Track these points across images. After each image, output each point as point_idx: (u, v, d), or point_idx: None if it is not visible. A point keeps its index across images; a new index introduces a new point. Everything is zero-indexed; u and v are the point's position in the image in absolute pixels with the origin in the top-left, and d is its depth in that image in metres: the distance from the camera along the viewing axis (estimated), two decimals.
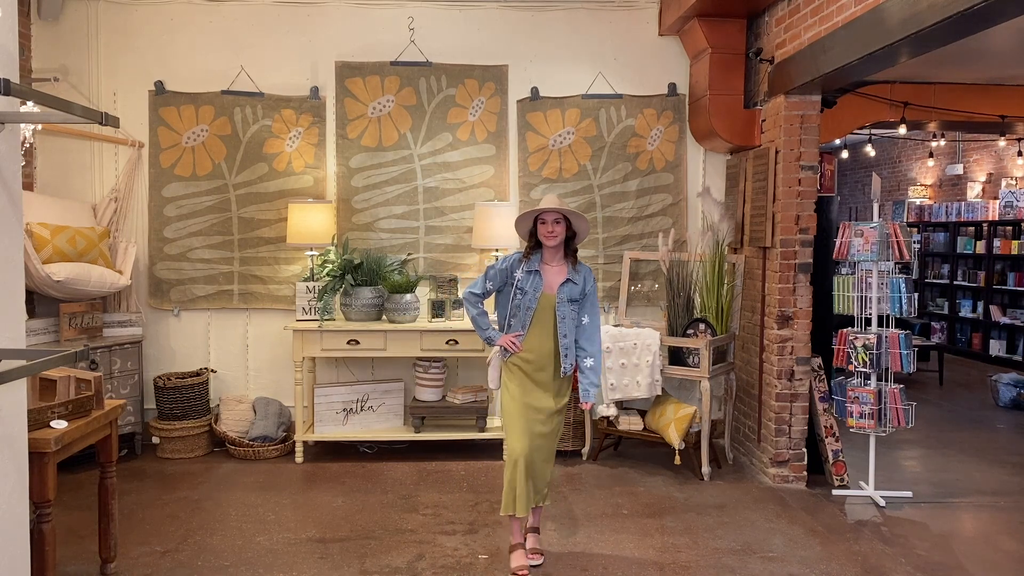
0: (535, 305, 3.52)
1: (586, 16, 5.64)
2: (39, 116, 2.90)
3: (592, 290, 3.63)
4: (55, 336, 4.96)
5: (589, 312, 3.61)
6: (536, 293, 3.52)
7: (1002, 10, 2.95)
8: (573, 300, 3.56)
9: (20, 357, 2.01)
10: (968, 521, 4.35)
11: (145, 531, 3.95)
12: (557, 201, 3.56)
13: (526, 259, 3.59)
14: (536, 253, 3.60)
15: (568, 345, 3.55)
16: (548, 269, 3.58)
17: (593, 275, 3.67)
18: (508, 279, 3.59)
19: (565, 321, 3.53)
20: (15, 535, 2.21)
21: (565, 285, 3.55)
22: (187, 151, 5.51)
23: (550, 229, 3.51)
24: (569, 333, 3.55)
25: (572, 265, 3.59)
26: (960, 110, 5.90)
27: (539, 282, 3.53)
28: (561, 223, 3.53)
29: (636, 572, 3.56)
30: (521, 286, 3.53)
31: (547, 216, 3.53)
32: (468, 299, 3.61)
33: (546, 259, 3.59)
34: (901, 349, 4.55)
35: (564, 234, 3.55)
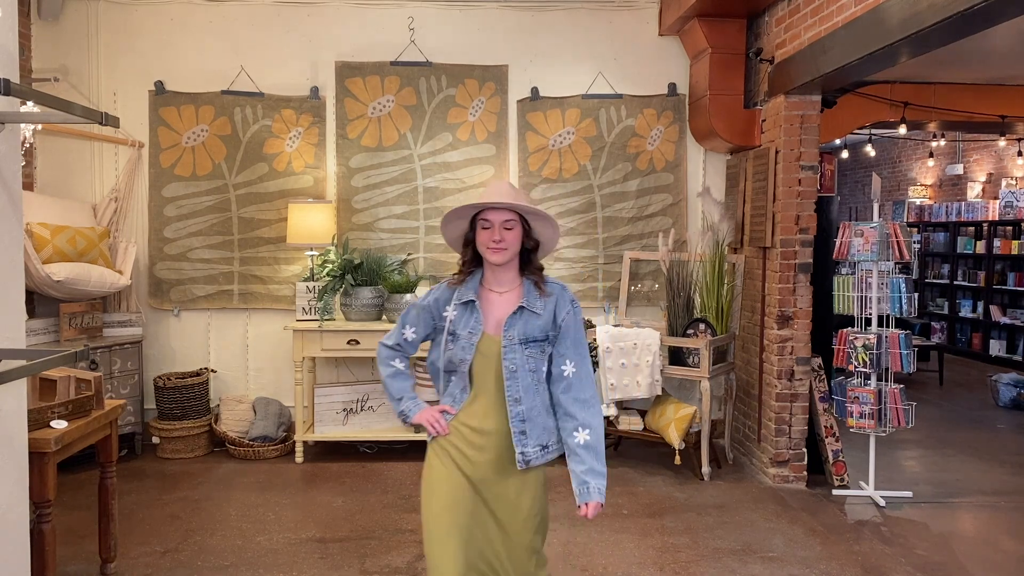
0: (471, 356, 2.26)
1: (586, 16, 5.64)
2: (39, 116, 2.90)
3: (573, 323, 2.31)
4: (55, 336, 4.96)
5: (572, 356, 2.30)
6: (473, 337, 2.25)
7: (1002, 10, 2.95)
8: (533, 340, 2.26)
9: (20, 357, 2.01)
10: (968, 521, 4.35)
11: (145, 531, 3.95)
12: (511, 192, 2.26)
13: (458, 284, 2.34)
14: (474, 274, 2.34)
15: (525, 416, 2.24)
16: (491, 298, 2.31)
17: (574, 299, 2.36)
18: (438, 319, 2.35)
19: (517, 376, 2.23)
20: (15, 535, 2.21)
21: (517, 318, 2.25)
22: (187, 151, 5.51)
23: (496, 237, 2.21)
24: (527, 396, 2.24)
25: (535, 286, 2.31)
26: (960, 110, 5.89)
27: (477, 319, 2.27)
28: (515, 228, 2.24)
29: (636, 572, 3.56)
30: (453, 329, 2.29)
31: (492, 216, 2.22)
32: (379, 354, 2.44)
33: (488, 282, 2.33)
34: (901, 349, 4.55)
35: (519, 244, 2.26)
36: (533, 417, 2.26)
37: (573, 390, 2.29)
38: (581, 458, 2.28)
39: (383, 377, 2.44)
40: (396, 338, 2.41)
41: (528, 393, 2.26)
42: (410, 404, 2.39)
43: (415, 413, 2.36)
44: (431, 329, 2.38)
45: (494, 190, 2.30)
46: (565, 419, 2.30)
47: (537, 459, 2.28)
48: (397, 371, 2.43)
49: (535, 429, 2.27)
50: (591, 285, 5.69)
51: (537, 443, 2.28)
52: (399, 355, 2.43)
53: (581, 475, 2.27)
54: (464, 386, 2.30)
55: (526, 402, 2.25)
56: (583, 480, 2.26)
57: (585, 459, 2.27)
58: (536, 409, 2.27)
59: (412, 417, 2.36)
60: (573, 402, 2.29)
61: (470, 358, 2.26)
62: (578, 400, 2.29)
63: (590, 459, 2.27)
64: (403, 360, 2.44)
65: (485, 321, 2.28)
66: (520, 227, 2.26)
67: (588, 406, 2.30)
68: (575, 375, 2.30)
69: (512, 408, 2.25)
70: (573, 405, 2.29)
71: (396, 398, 2.41)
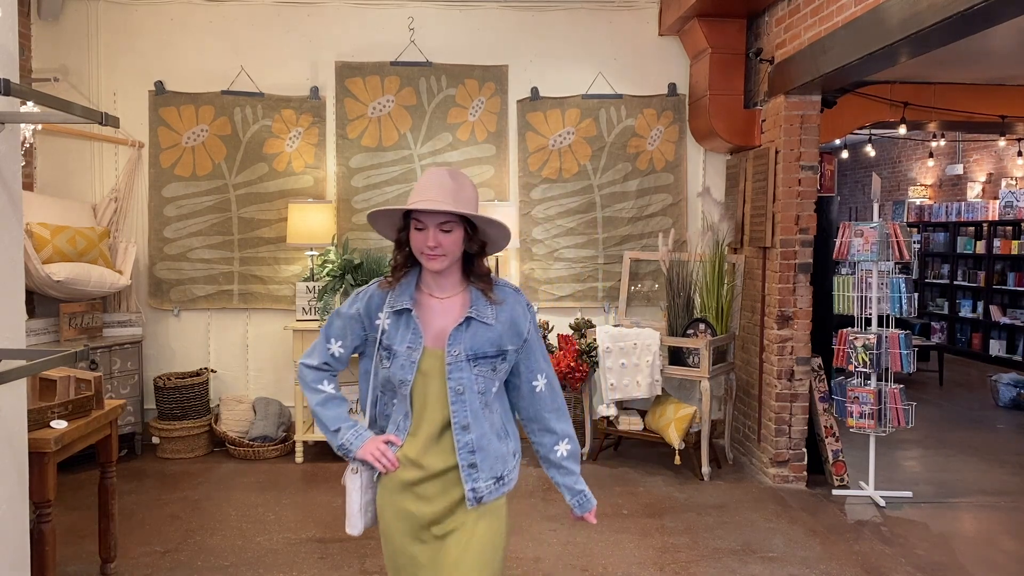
0: (411, 376, 1.90)
1: (586, 16, 5.64)
2: (39, 116, 2.90)
3: (535, 332, 2.02)
4: (55, 336, 4.96)
5: (543, 367, 2.04)
6: (414, 353, 1.90)
7: (1002, 10, 2.95)
8: (483, 357, 1.91)
9: (20, 357, 2.01)
10: (968, 521, 4.35)
11: (145, 531, 3.95)
12: (448, 187, 1.85)
13: (390, 287, 1.96)
14: (409, 274, 1.97)
15: (475, 445, 1.91)
16: (431, 305, 1.96)
17: (529, 303, 2.05)
18: (368, 329, 1.98)
19: (464, 399, 1.90)
20: (15, 535, 2.21)
21: (463, 330, 1.91)
22: (187, 151, 5.51)
23: (431, 243, 1.86)
24: (476, 422, 1.91)
25: (483, 292, 1.95)
26: (960, 110, 5.90)
27: (415, 331, 1.91)
28: (455, 230, 1.87)
29: (636, 572, 3.56)
30: (388, 343, 1.93)
31: (426, 217, 1.86)
32: (303, 377, 2.04)
33: (427, 285, 1.97)
34: (901, 349, 4.55)
35: (460, 248, 1.91)
36: (484, 446, 1.92)
37: (548, 404, 2.05)
38: (568, 469, 2.06)
39: (311, 405, 2.02)
40: (321, 355, 2.03)
41: (477, 419, 1.91)
42: (350, 435, 1.98)
43: (359, 446, 1.96)
44: (361, 341, 2.00)
45: (426, 185, 1.86)
46: (543, 435, 2.06)
47: (491, 494, 1.94)
48: (328, 396, 2.02)
49: (487, 460, 1.93)
50: (591, 285, 5.69)
51: (491, 475, 1.93)
52: (327, 375, 2.04)
53: (574, 486, 2.07)
54: (407, 411, 1.93)
55: (475, 429, 1.90)
56: (578, 491, 2.06)
57: (572, 468, 2.07)
58: (487, 437, 1.92)
59: (355, 451, 1.97)
60: (550, 416, 2.05)
61: (411, 379, 1.90)
62: (553, 412, 2.06)
63: (575, 466, 2.08)
64: (333, 381, 2.05)
65: (424, 333, 1.92)
66: (461, 229, 1.88)
67: (562, 415, 2.08)
68: (548, 387, 2.05)
69: (459, 437, 1.89)
70: (551, 419, 2.05)
71: (332, 429, 1.99)
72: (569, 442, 2.07)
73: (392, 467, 1.93)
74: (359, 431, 1.99)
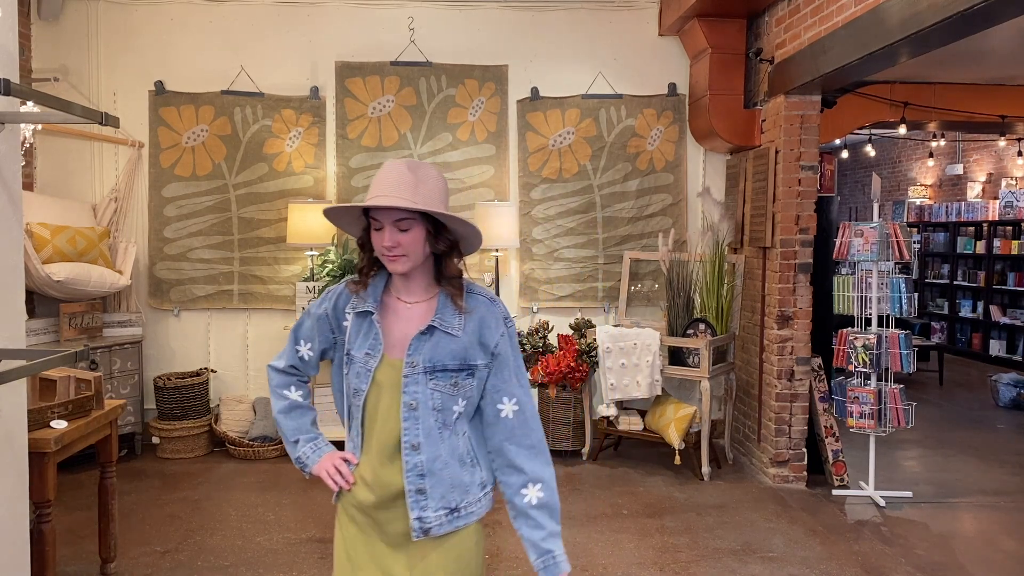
0: (365, 386, 1.75)
1: (586, 16, 5.64)
2: (39, 116, 2.91)
3: (509, 347, 1.79)
4: (55, 336, 4.96)
5: (513, 390, 1.78)
6: (371, 360, 1.74)
7: (1002, 10, 2.95)
8: (443, 370, 1.72)
9: (20, 357, 2.01)
10: (968, 521, 4.35)
11: (145, 531, 3.95)
12: (405, 180, 1.67)
13: (356, 288, 1.80)
14: (379, 276, 1.81)
15: (425, 468, 1.72)
16: (398, 309, 1.78)
17: (508, 316, 1.82)
18: (337, 332, 1.83)
19: (417, 416, 1.72)
20: (15, 535, 2.21)
21: (425, 339, 1.73)
22: (187, 151, 5.51)
23: (387, 242, 1.69)
24: (428, 442, 1.72)
25: (452, 298, 1.76)
26: (960, 110, 5.90)
27: (376, 337, 1.75)
28: (414, 228, 1.69)
29: (636, 572, 3.56)
30: (348, 347, 1.78)
31: (381, 217, 1.70)
32: (269, 380, 1.92)
33: (396, 288, 1.80)
34: (901, 349, 4.55)
35: (422, 247, 1.71)
36: (437, 471, 1.71)
37: (517, 435, 1.76)
38: (537, 522, 1.73)
39: (274, 412, 1.89)
40: (289, 358, 1.88)
41: (430, 439, 1.71)
42: (308, 449, 1.85)
43: (315, 461, 1.83)
44: (330, 344, 1.84)
45: (381, 180, 1.69)
46: (508, 473, 1.76)
47: (441, 526, 1.72)
48: (293, 404, 1.88)
49: (439, 487, 1.71)
50: (591, 285, 5.69)
51: (442, 505, 1.72)
52: (295, 380, 1.89)
53: (540, 543, 1.72)
54: (358, 426, 1.78)
55: (427, 450, 1.71)
56: (545, 550, 1.72)
57: (542, 522, 1.73)
58: (441, 460, 1.72)
59: (311, 467, 1.84)
60: (517, 451, 1.75)
61: (365, 388, 1.73)
62: (524, 448, 1.76)
63: (547, 520, 1.73)
64: (301, 387, 1.90)
65: (385, 340, 1.74)
66: (422, 226, 1.69)
67: (536, 453, 1.76)
68: (517, 415, 1.76)
69: (408, 457, 1.71)
70: (519, 455, 1.75)
71: (291, 440, 1.86)
72: (542, 489, 1.74)
73: (345, 486, 1.79)
74: (318, 445, 1.86)
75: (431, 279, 1.78)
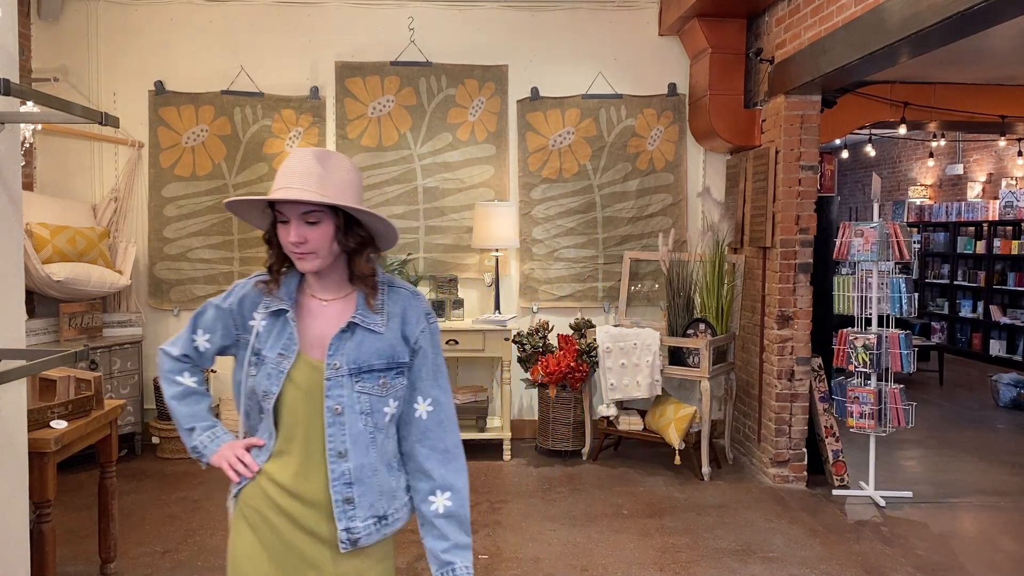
0: (277, 388, 1.62)
1: (586, 16, 5.64)
2: (39, 116, 2.91)
3: (429, 345, 1.71)
4: (55, 336, 4.96)
5: (429, 390, 1.70)
6: (284, 362, 1.63)
7: (1002, 10, 2.95)
8: (369, 371, 1.63)
9: (20, 357, 2.01)
10: (968, 521, 4.35)
11: (145, 531, 3.95)
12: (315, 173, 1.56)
13: (268, 288, 1.69)
14: (292, 273, 1.69)
15: (353, 476, 1.62)
16: (313, 307, 1.68)
17: (429, 311, 1.74)
18: (241, 329, 1.71)
19: (343, 421, 1.61)
20: (15, 535, 2.21)
21: (347, 338, 1.63)
22: (187, 151, 5.51)
23: (294, 238, 1.58)
24: (356, 448, 1.62)
25: (370, 295, 1.66)
26: (960, 110, 5.90)
27: (290, 337, 1.64)
28: (324, 221, 1.58)
29: (636, 572, 3.56)
30: (259, 346, 1.66)
31: (287, 210, 1.58)
32: (160, 366, 1.78)
33: (310, 286, 1.70)
34: (901, 349, 4.55)
35: (331, 243, 1.61)
36: (365, 478, 1.62)
37: (429, 438, 1.67)
38: (440, 532, 1.65)
39: (166, 398, 1.76)
40: (184, 346, 1.75)
41: (358, 445, 1.61)
42: (205, 438, 1.73)
43: (213, 451, 1.70)
44: (231, 341, 1.72)
45: (286, 171, 1.57)
46: (417, 478, 1.68)
47: (369, 536, 1.63)
48: (187, 389, 1.76)
49: (368, 495, 1.62)
50: (591, 285, 5.69)
51: (371, 514, 1.63)
52: (188, 367, 1.76)
53: (441, 555, 1.64)
54: (271, 431, 1.65)
55: (355, 457, 1.60)
56: (444, 562, 1.64)
57: (446, 532, 1.65)
58: (370, 467, 1.62)
59: (209, 457, 1.71)
60: (428, 455, 1.67)
61: (277, 391, 1.62)
62: (436, 451, 1.67)
63: (453, 531, 1.65)
64: (196, 374, 1.78)
65: (302, 339, 1.64)
66: (332, 220, 1.58)
67: (450, 459, 1.68)
68: (431, 416, 1.68)
69: (334, 465, 1.60)
70: (428, 459, 1.67)
71: (186, 428, 1.74)
72: (451, 497, 1.66)
73: (248, 475, 1.64)
74: (216, 433, 1.73)
75: (346, 276, 1.67)
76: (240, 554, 1.67)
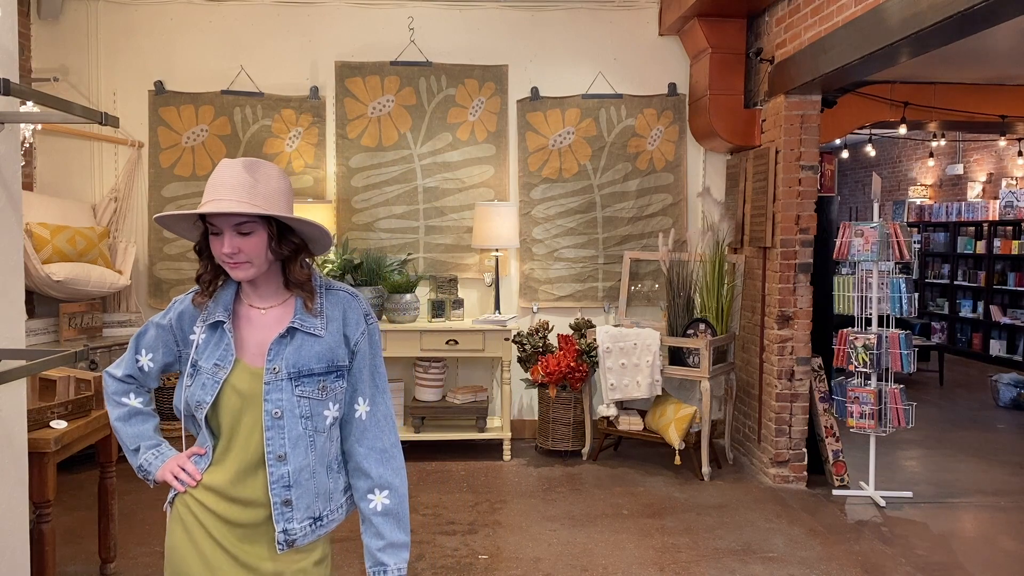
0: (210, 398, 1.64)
1: (586, 16, 5.64)
2: (39, 116, 2.90)
3: (368, 346, 1.74)
4: (55, 336, 4.96)
5: (367, 391, 1.72)
6: (219, 372, 1.64)
7: (1002, 10, 2.95)
8: (309, 375, 1.64)
9: (20, 357, 2.01)
10: (968, 521, 4.35)
11: (145, 531, 3.95)
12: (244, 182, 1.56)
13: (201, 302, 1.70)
14: (228, 284, 1.71)
15: (292, 479, 1.63)
16: (251, 316, 1.69)
17: (369, 312, 1.75)
18: (182, 344, 1.73)
19: (282, 425, 1.62)
20: (15, 535, 2.21)
21: (286, 343, 1.65)
22: (187, 151, 5.51)
23: (227, 248, 1.58)
24: (295, 452, 1.63)
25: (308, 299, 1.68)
26: (960, 110, 5.89)
27: (227, 347, 1.66)
28: (257, 231, 1.59)
29: (636, 572, 3.56)
30: (196, 358, 1.67)
31: (219, 222, 1.58)
32: (106, 388, 1.79)
33: (246, 295, 1.71)
34: (901, 349, 4.55)
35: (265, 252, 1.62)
36: (303, 481, 1.64)
37: (368, 437, 1.70)
38: (377, 530, 1.68)
39: (112, 421, 1.77)
40: (128, 367, 1.76)
41: (298, 448, 1.62)
42: (150, 456, 1.74)
43: (158, 467, 1.73)
44: (174, 358, 1.75)
45: (215, 183, 1.57)
46: (357, 476, 1.72)
47: (305, 537, 1.66)
48: (132, 410, 1.77)
49: (305, 497, 1.64)
50: (591, 285, 5.69)
51: (307, 515, 1.65)
52: (133, 388, 1.78)
53: (376, 553, 1.68)
54: (207, 440, 1.69)
55: (293, 461, 1.62)
56: (379, 561, 1.68)
57: (382, 530, 1.68)
58: (309, 470, 1.64)
59: (154, 474, 1.73)
60: (367, 454, 1.70)
61: (209, 400, 1.63)
62: (374, 451, 1.70)
63: (389, 530, 1.69)
64: (141, 395, 1.80)
65: (241, 348, 1.66)
66: (265, 229, 1.59)
67: (388, 458, 1.71)
68: (369, 416, 1.71)
69: (273, 469, 1.61)
70: (367, 458, 1.70)
71: (131, 449, 1.75)
72: (390, 496, 1.69)
73: (190, 482, 1.67)
74: (161, 451, 1.76)
75: (281, 282, 1.69)
76: (171, 545, 1.70)
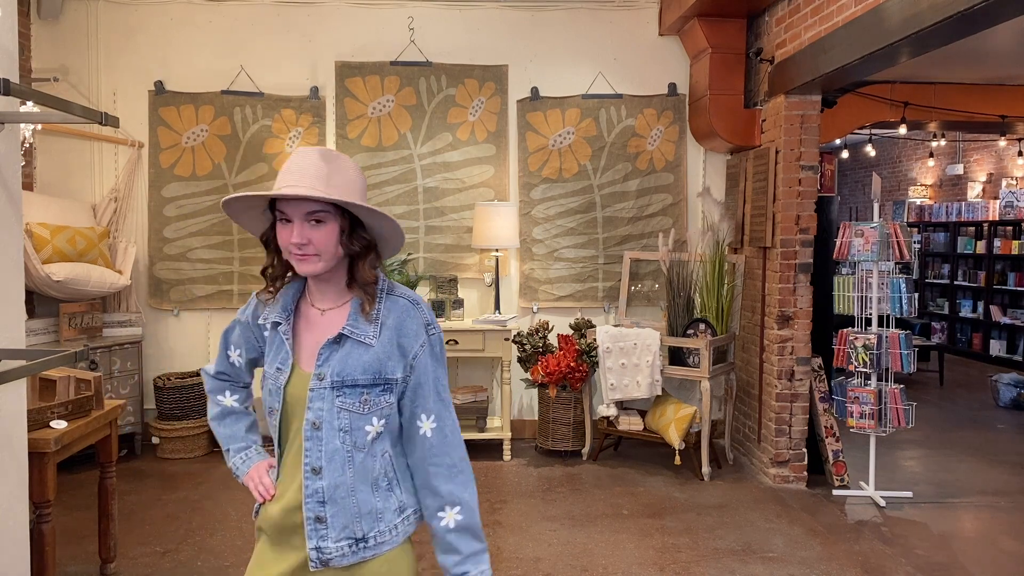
0: (278, 404, 1.60)
1: (586, 16, 5.64)
2: (39, 116, 2.90)
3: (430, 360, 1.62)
4: (55, 336, 4.96)
5: (432, 407, 1.61)
6: (280, 376, 1.60)
7: (1002, 10, 2.95)
8: (353, 385, 1.55)
9: (20, 357, 2.01)
10: (968, 521, 4.35)
11: (145, 531, 3.95)
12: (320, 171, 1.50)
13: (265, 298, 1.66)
14: (294, 282, 1.66)
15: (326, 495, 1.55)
16: (312, 317, 1.64)
17: (432, 321, 1.63)
18: (260, 341, 1.71)
19: (320, 435, 1.55)
20: (15, 535, 2.21)
21: (335, 348, 1.57)
22: (187, 151, 5.51)
23: (296, 238, 1.51)
24: (331, 466, 1.55)
25: (368, 302, 1.58)
26: (960, 110, 5.89)
27: (286, 350, 1.61)
28: (329, 222, 1.52)
29: (636, 572, 3.56)
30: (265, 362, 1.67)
31: (290, 210, 1.52)
32: (205, 384, 1.80)
33: (311, 294, 1.65)
34: (901, 349, 4.55)
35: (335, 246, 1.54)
36: (340, 499, 1.54)
37: (435, 455, 1.60)
38: (452, 546, 1.59)
39: (208, 419, 1.78)
40: (220, 363, 1.76)
41: (334, 463, 1.54)
42: (238, 460, 1.72)
43: (245, 472, 1.70)
44: (259, 353, 1.72)
45: (290, 169, 1.51)
46: (426, 495, 1.62)
47: (343, 558, 1.55)
48: (225, 409, 1.76)
49: (342, 515, 1.55)
50: (591, 285, 5.69)
51: (345, 536, 1.55)
52: (229, 385, 1.77)
53: (452, 569, 1.59)
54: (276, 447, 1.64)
55: (328, 476, 1.54)
56: (459, 573, 1.59)
57: (458, 546, 1.59)
58: (346, 487, 1.55)
59: (242, 478, 1.70)
60: (436, 472, 1.60)
61: (278, 406, 1.59)
62: (442, 468, 1.60)
63: (465, 544, 1.59)
64: (237, 391, 1.77)
65: (299, 350, 1.60)
66: (337, 221, 1.52)
67: (456, 473, 1.61)
68: (436, 434, 1.60)
69: (308, 482, 1.54)
70: (436, 476, 1.60)
71: (224, 449, 1.75)
72: (461, 511, 1.59)
73: (265, 496, 1.62)
74: (248, 455, 1.72)
75: (344, 282, 1.61)
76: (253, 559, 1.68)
